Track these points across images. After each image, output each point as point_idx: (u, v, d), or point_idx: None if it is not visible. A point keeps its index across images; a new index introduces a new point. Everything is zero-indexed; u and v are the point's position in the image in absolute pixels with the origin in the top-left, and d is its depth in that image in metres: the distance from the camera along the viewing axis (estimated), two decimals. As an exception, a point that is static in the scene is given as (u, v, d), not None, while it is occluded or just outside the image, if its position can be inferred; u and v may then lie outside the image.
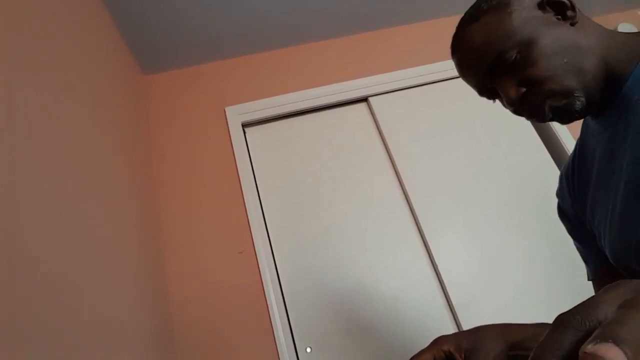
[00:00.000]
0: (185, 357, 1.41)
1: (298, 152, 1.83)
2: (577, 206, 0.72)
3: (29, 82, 0.83)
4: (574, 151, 0.73)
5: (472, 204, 1.70)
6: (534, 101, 0.58)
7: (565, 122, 0.60)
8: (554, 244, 1.59)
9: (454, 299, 1.51)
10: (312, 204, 1.72)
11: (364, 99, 1.95)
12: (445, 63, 1.99)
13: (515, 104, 0.60)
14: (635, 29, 2.26)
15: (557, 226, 0.82)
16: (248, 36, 1.91)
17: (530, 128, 1.88)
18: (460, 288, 1.54)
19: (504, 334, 0.61)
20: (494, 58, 0.59)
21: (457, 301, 1.51)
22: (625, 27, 2.23)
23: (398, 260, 1.60)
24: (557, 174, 0.79)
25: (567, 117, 0.59)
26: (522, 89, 0.59)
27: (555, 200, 0.80)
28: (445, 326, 1.49)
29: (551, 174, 1.75)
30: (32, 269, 0.69)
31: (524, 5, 0.60)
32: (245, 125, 1.88)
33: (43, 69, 0.91)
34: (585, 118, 0.70)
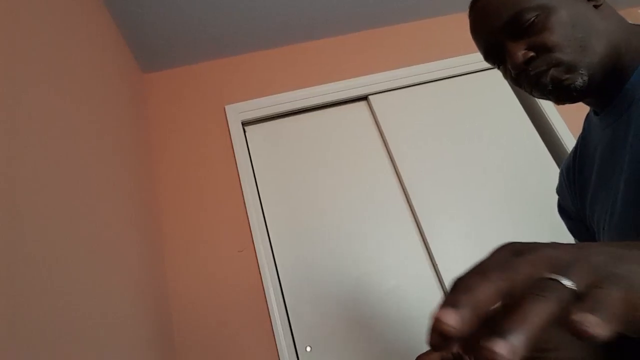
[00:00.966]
0: (185, 356, 1.41)
1: (298, 151, 1.83)
2: (577, 203, 0.71)
3: (28, 80, 0.83)
4: (575, 148, 0.73)
5: (472, 202, 1.70)
6: (538, 67, 0.58)
7: (560, 100, 0.60)
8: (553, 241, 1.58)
9: (454, 297, 1.51)
10: (312, 202, 1.71)
11: (364, 98, 1.95)
12: (445, 61, 1.99)
13: (519, 68, 0.59)
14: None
15: (557, 223, 0.82)
16: (248, 34, 1.91)
17: (530, 126, 1.88)
18: (460, 286, 1.53)
19: None
20: (512, 15, 0.59)
21: (457, 299, 1.51)
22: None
23: (398, 259, 1.60)
24: (557, 172, 0.79)
25: (564, 93, 0.58)
26: (531, 53, 0.58)
27: (555, 197, 0.80)
28: (445, 324, 1.48)
29: (551, 171, 1.75)
30: (32, 269, 0.68)
31: None
32: (245, 124, 1.88)
33: (42, 68, 0.91)
34: (588, 115, 0.70)
